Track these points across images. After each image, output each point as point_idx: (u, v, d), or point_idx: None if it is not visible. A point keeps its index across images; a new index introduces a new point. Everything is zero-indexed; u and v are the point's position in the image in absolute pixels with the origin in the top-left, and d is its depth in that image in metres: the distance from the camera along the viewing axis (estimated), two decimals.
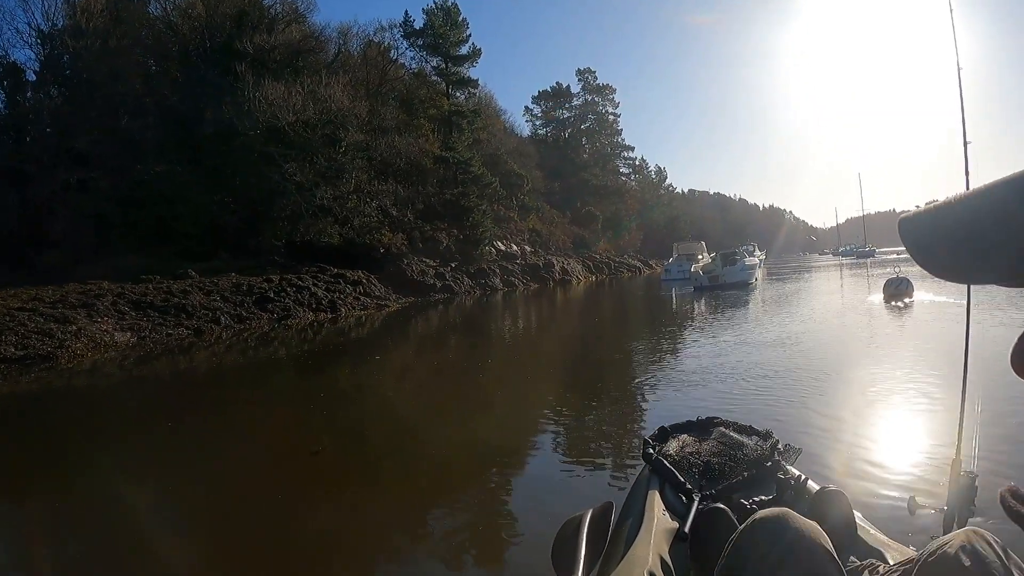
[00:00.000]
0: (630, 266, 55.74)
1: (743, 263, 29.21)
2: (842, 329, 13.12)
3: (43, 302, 16.59)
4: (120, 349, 14.24)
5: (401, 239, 33.05)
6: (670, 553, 2.10)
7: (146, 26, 31.76)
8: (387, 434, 6.98)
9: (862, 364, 8.61)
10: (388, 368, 11.96)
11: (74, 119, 25.86)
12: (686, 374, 8.53)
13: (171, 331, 16.16)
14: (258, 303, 19.66)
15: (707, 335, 12.75)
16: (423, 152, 37.41)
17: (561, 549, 2.13)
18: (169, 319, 16.76)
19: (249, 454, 6.31)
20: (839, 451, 4.97)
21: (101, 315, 16.00)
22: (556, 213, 56.41)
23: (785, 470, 2.62)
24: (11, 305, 15.93)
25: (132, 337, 15.17)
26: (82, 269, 21.14)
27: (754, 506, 2.32)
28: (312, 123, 29.58)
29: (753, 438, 2.98)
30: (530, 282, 37.81)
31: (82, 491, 5.42)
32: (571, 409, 7.20)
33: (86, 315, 15.75)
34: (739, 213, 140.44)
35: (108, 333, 14.74)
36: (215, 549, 4.13)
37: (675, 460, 2.79)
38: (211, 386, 10.45)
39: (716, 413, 3.33)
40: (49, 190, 23.88)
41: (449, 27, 42.29)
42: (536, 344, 14.99)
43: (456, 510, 4.61)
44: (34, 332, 13.54)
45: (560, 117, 72.66)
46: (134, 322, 16.06)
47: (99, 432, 7.59)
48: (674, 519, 2.32)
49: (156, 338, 15.52)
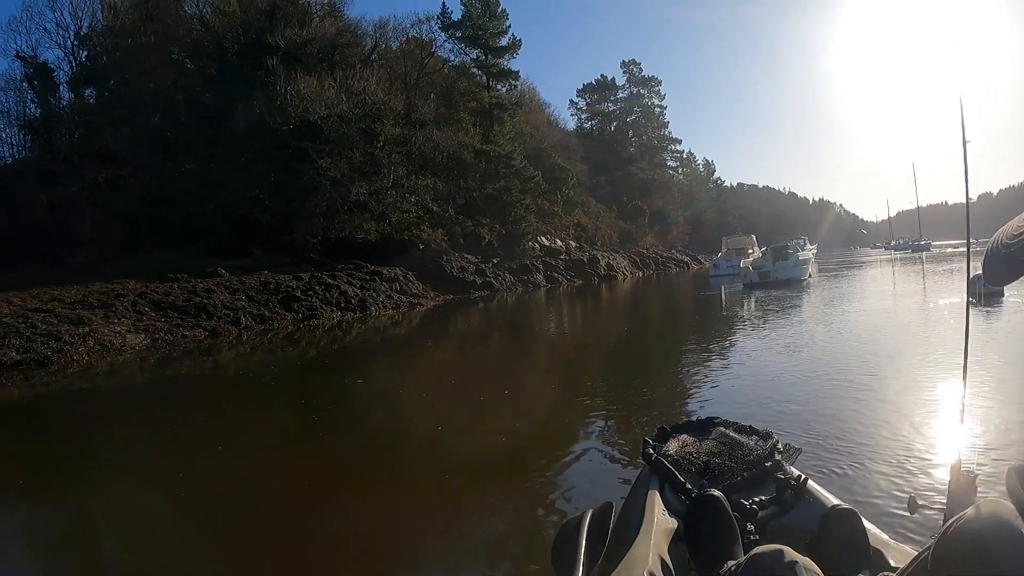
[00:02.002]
0: (678, 261, 54.38)
1: (796, 258, 27.16)
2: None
3: (62, 302, 16.03)
4: (128, 352, 13.43)
5: (441, 235, 32.19)
6: (670, 553, 2.10)
7: (180, 23, 31.36)
8: (395, 437, 6.66)
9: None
10: (399, 374, 10.85)
11: (103, 117, 25.56)
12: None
13: (187, 332, 15.32)
14: (283, 302, 18.78)
15: (769, 353, 9.84)
16: (463, 146, 36.44)
17: (561, 549, 2.12)
18: (188, 320, 15.97)
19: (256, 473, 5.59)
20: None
21: (119, 316, 15.29)
22: (602, 208, 55.05)
23: (785, 470, 2.58)
24: (28, 306, 15.38)
25: (145, 339, 14.37)
26: (111, 267, 20.77)
27: (754, 506, 2.33)
28: (347, 117, 28.76)
29: (753, 438, 2.97)
30: (574, 278, 36.55)
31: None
32: (616, 436, 6.00)
33: (103, 316, 15.08)
34: (788, 206, 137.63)
35: (120, 335, 13.96)
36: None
37: (675, 460, 2.80)
38: (207, 396, 9.38)
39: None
40: (78, 188, 23.49)
41: (488, 18, 41.19)
42: (570, 350, 13.53)
43: (486, 516, 4.41)
44: (41, 335, 12.79)
45: (605, 110, 71.39)
46: (151, 323, 15.31)
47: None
48: (674, 519, 2.33)
49: (170, 340, 14.71)
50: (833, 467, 4.40)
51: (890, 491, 3.94)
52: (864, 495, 3.87)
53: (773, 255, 27.63)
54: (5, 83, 27.14)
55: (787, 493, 2.41)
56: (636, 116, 71.83)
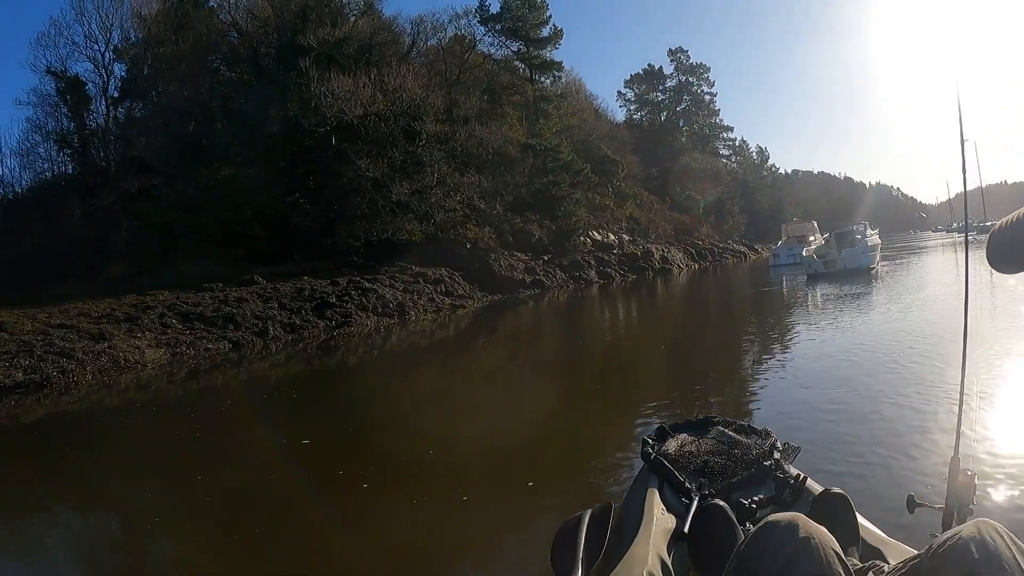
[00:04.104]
0: (734, 252, 52.25)
1: (865, 243, 24.70)
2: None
3: (89, 317, 15.37)
4: (144, 368, 12.54)
5: (488, 233, 31.04)
6: (669, 552, 2.08)
7: (213, 31, 30.94)
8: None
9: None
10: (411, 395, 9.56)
11: (137, 127, 25.08)
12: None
13: (211, 345, 14.39)
14: (316, 309, 17.76)
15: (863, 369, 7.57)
16: (507, 140, 35.29)
17: (560, 549, 2.12)
18: (214, 331, 15.08)
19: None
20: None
21: (144, 329, 14.50)
22: (655, 199, 53.11)
23: (784, 469, 2.57)
24: (53, 322, 14.74)
25: (166, 353, 13.50)
26: (148, 279, 20.21)
27: (753, 505, 2.29)
28: (385, 116, 27.84)
29: (752, 437, 2.96)
30: (628, 273, 34.85)
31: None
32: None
33: (127, 330, 14.32)
34: (844, 192, 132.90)
35: (139, 350, 13.07)
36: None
37: (674, 459, 2.78)
38: (187, 426, 8.09)
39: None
40: (112, 200, 23.02)
41: (527, 9, 39.99)
42: (619, 360, 11.46)
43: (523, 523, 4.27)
44: (54, 353, 11.94)
45: (654, 100, 69.25)
46: (175, 335, 14.45)
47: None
48: (673, 518, 2.29)
49: (192, 354, 13.81)
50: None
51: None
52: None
53: (838, 241, 25.39)
54: (38, 99, 27.03)
55: (786, 492, 2.42)
56: (686, 105, 69.58)
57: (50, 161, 26.99)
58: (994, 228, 1.53)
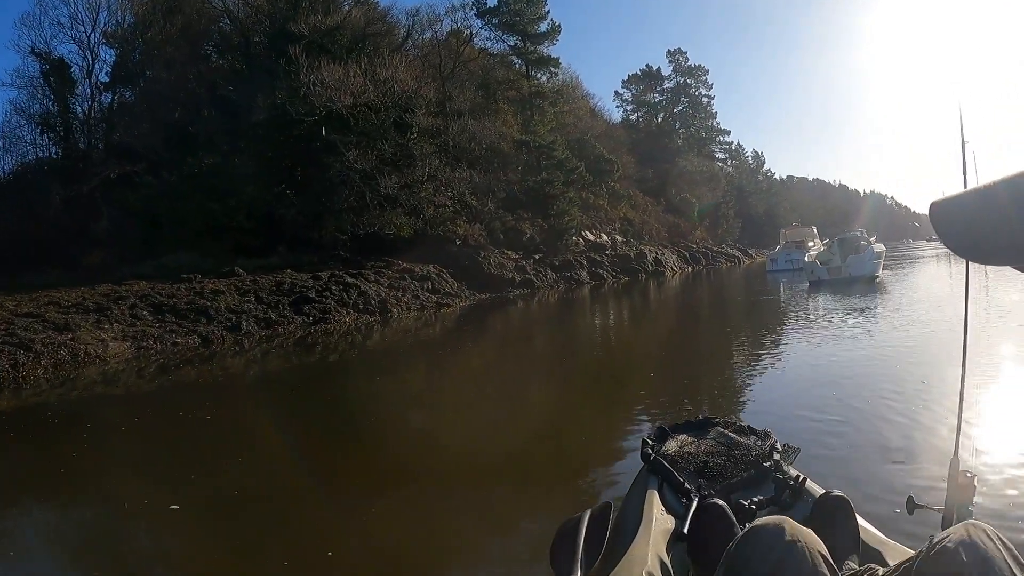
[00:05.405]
0: (728, 256, 51.97)
1: (871, 251, 23.97)
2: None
3: (59, 306, 14.85)
4: (106, 362, 12.00)
5: (479, 230, 30.45)
6: (668, 553, 2.09)
7: (204, 17, 30.36)
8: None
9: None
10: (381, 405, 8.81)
11: (122, 112, 24.48)
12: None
13: (179, 339, 13.87)
14: (294, 304, 17.23)
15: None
16: (501, 136, 34.78)
17: (559, 549, 2.10)
18: (185, 325, 14.57)
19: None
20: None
21: (112, 320, 13.97)
22: (650, 201, 52.79)
23: (784, 470, 2.55)
24: (20, 310, 14.24)
25: (131, 347, 12.97)
26: (128, 269, 19.75)
27: (753, 506, 2.29)
28: (376, 107, 27.29)
29: (752, 438, 2.94)
30: (620, 274, 34.40)
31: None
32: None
33: (94, 321, 13.76)
34: (839, 199, 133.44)
35: (103, 342, 12.55)
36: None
37: (673, 460, 2.78)
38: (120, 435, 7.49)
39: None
40: (93, 186, 22.44)
41: (526, 3, 39.49)
42: (604, 374, 10.24)
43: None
44: (11, 344, 11.42)
45: (651, 101, 68.87)
46: (142, 328, 13.92)
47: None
48: (672, 519, 2.31)
49: (158, 348, 13.27)
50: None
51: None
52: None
53: (842, 248, 24.89)
54: (22, 80, 26.49)
55: (786, 493, 2.41)
56: (683, 107, 69.31)
57: (33, 145, 26.41)
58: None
